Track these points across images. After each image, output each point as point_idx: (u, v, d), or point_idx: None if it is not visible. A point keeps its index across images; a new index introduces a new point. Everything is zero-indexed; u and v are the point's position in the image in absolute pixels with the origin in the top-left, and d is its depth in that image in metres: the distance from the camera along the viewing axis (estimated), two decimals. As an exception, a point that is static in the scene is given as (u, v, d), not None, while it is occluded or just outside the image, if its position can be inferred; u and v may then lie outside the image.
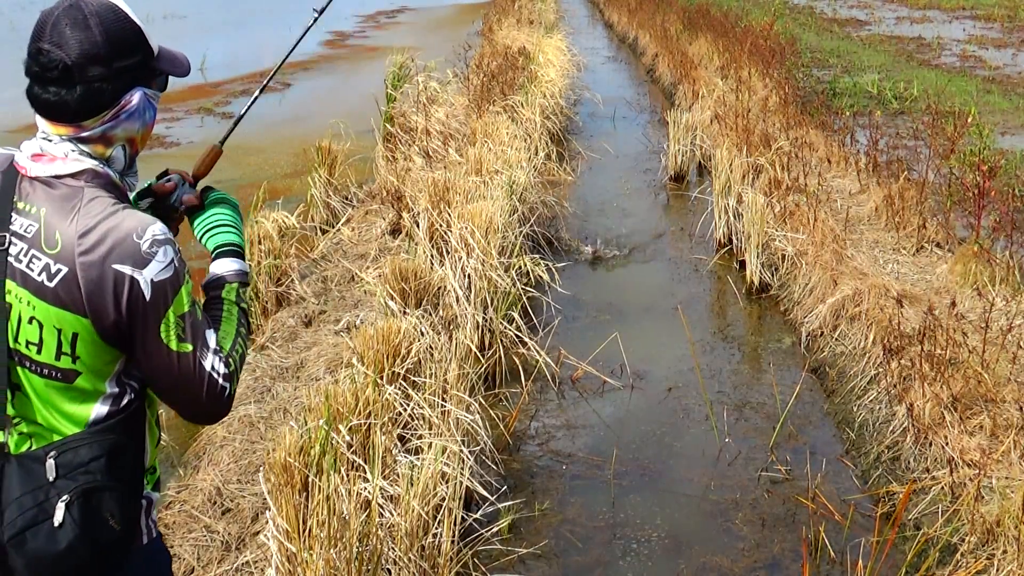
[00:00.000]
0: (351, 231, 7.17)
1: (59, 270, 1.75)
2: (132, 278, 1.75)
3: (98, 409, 1.84)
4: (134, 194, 2.05)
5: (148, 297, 1.77)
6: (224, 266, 2.04)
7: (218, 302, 1.99)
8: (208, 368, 1.85)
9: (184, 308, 1.82)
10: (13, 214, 1.80)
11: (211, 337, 1.87)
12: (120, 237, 1.76)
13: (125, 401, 1.86)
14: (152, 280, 1.77)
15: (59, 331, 1.78)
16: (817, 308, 5.85)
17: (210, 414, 1.92)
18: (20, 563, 1.76)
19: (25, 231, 1.79)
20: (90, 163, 1.83)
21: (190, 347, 1.82)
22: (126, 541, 1.86)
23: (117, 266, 1.75)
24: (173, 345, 1.81)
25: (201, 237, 2.09)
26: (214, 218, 2.09)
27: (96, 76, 1.80)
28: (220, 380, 1.87)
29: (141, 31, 1.87)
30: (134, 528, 1.89)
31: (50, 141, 1.84)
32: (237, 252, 2.07)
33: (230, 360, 1.90)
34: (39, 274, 1.77)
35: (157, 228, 1.79)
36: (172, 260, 1.80)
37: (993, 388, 4.34)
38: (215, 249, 2.07)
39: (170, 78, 2.00)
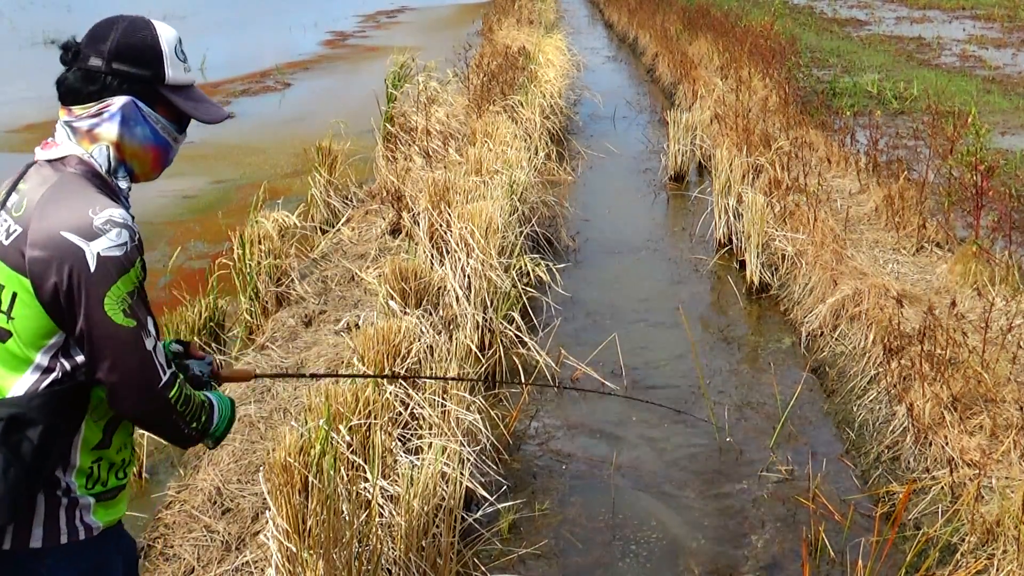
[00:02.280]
0: (351, 231, 7.17)
1: (15, 230, 1.87)
2: (79, 247, 1.83)
3: (23, 379, 1.88)
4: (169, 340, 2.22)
5: (92, 268, 1.83)
6: (215, 399, 2.15)
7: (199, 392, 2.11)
8: (149, 348, 1.90)
9: (130, 287, 1.88)
10: (13, 194, 1.94)
11: (151, 325, 1.94)
12: (76, 209, 1.86)
13: (51, 379, 1.88)
14: (98, 253, 1.84)
15: (2, 287, 1.88)
16: (817, 308, 5.85)
17: (143, 397, 1.91)
18: None
19: (11, 205, 1.92)
20: (78, 150, 1.97)
21: (134, 323, 1.88)
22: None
23: (66, 233, 1.83)
24: (119, 319, 1.86)
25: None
26: (212, 394, 2.19)
27: (94, 67, 1.96)
28: (157, 363, 1.91)
29: (160, 54, 2.01)
30: (24, 514, 1.88)
31: (57, 130, 2.00)
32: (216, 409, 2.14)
33: (174, 371, 1.96)
34: (5, 236, 1.89)
35: (117, 212, 1.88)
36: (125, 243, 1.87)
37: (993, 388, 4.34)
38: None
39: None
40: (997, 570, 3.42)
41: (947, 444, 4.11)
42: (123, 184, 2.02)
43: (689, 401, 5.19)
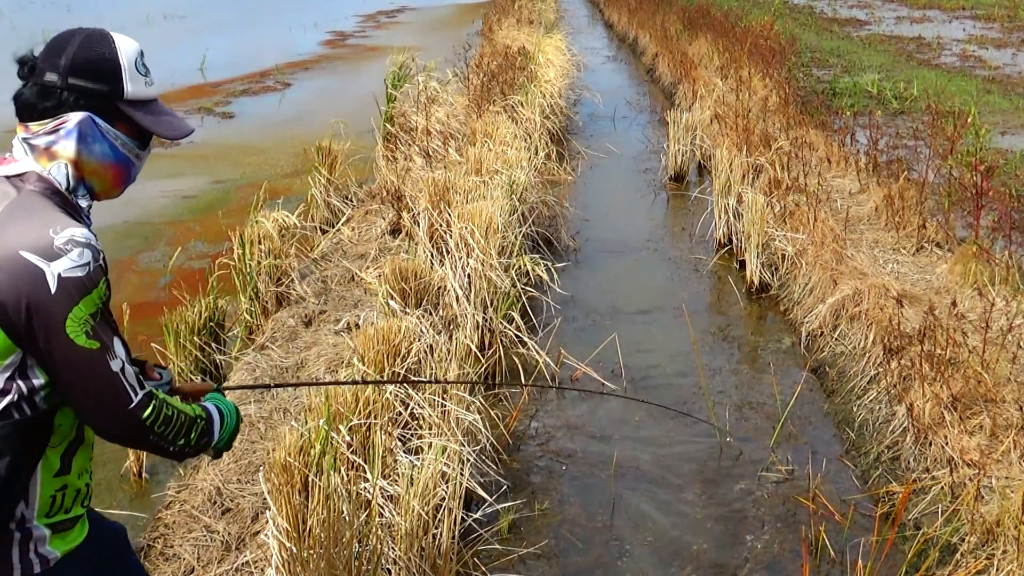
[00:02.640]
0: (351, 231, 7.17)
1: None
2: (39, 268, 1.76)
3: None
4: None
5: (53, 290, 1.77)
6: (214, 410, 2.14)
7: (196, 405, 2.09)
8: (116, 369, 1.84)
9: (93, 309, 1.82)
10: None
11: (121, 349, 1.87)
12: (36, 228, 1.79)
13: (6, 401, 1.81)
14: (59, 275, 1.77)
15: None
16: (817, 308, 5.86)
17: (115, 419, 1.86)
18: None
19: None
20: (37, 167, 1.91)
21: (97, 345, 1.82)
22: None
23: (25, 253, 1.76)
24: (81, 341, 1.80)
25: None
26: (217, 404, 2.19)
27: (50, 82, 1.91)
28: (126, 385, 1.85)
29: (118, 68, 1.95)
30: None
31: (15, 146, 1.95)
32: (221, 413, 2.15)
33: (152, 392, 1.91)
34: None
35: (79, 232, 1.81)
36: (87, 263, 1.80)
37: (993, 388, 4.34)
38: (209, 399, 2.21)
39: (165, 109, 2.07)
40: (997, 570, 3.42)
41: (947, 444, 4.11)
42: (83, 203, 1.96)
43: (689, 401, 5.19)
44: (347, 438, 3.69)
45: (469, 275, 5.60)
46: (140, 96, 1.99)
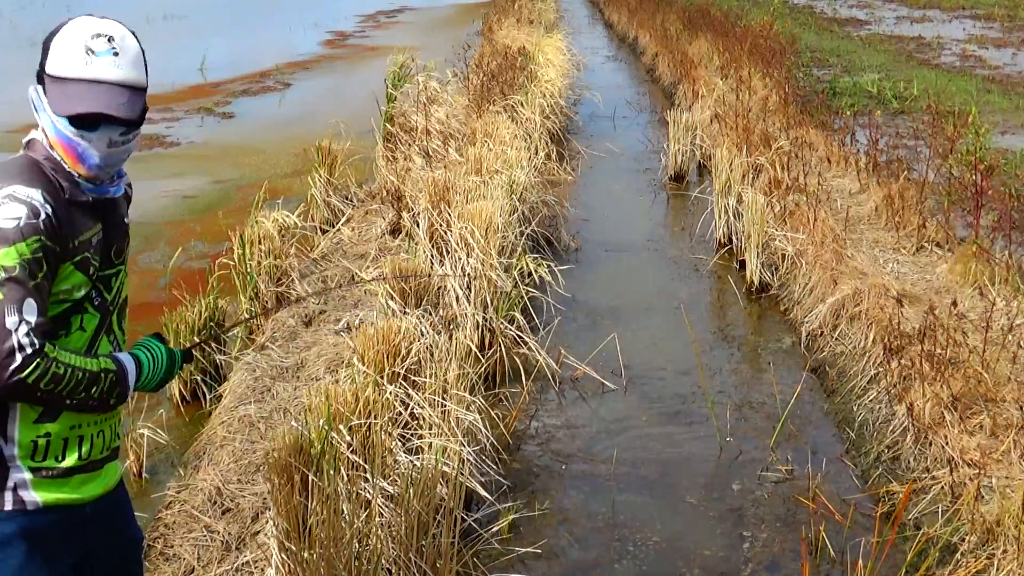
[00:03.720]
0: (351, 231, 7.17)
1: None
2: None
3: None
4: None
5: None
6: (129, 360, 2.10)
7: (106, 358, 2.05)
8: (8, 326, 1.85)
9: (11, 262, 1.86)
10: None
11: (29, 308, 1.87)
12: None
13: None
14: None
15: None
16: (817, 308, 5.85)
17: None
18: None
19: None
20: (39, 135, 2.05)
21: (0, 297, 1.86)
22: None
23: None
24: None
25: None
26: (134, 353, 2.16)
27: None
28: (15, 344, 1.84)
29: (49, 42, 2.01)
30: None
31: None
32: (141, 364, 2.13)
33: (45, 352, 1.88)
34: None
35: (24, 190, 1.92)
36: (17, 218, 1.89)
37: (993, 388, 4.34)
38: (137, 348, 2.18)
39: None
40: (997, 570, 3.42)
41: (947, 444, 4.11)
42: (66, 168, 2.02)
43: (689, 401, 5.19)
44: (347, 438, 3.69)
45: (469, 275, 5.60)
46: (62, 73, 1.98)
